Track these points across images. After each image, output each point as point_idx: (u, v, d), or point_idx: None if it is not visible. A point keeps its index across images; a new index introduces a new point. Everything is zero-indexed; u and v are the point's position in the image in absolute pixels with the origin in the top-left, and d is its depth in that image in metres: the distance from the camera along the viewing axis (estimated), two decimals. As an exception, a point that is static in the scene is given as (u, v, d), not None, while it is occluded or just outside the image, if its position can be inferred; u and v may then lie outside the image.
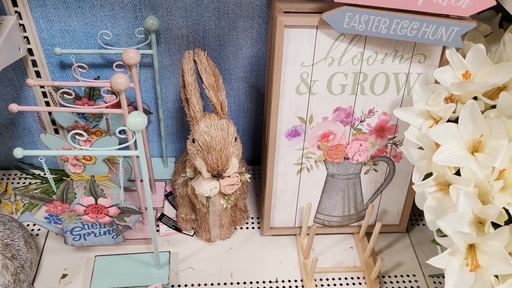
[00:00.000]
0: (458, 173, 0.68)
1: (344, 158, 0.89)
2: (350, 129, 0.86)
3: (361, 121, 0.86)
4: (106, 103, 0.90)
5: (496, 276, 0.59)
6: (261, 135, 1.10)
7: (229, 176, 0.82)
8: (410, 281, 0.92)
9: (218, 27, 0.89)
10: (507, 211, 0.61)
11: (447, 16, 0.71)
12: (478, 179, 0.65)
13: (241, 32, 0.91)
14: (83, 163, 0.88)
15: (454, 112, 0.72)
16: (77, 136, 0.71)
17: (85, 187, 0.78)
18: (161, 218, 1.00)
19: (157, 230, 0.98)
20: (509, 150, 0.65)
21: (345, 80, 0.81)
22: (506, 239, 0.58)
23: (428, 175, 0.72)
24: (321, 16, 0.73)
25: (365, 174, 0.93)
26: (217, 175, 0.80)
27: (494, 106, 0.71)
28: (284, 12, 0.76)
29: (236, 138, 0.82)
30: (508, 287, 0.57)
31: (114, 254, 0.91)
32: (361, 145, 0.88)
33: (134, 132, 0.65)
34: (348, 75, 0.80)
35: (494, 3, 0.66)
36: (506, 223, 0.61)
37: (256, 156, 1.16)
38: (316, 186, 0.93)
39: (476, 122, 0.67)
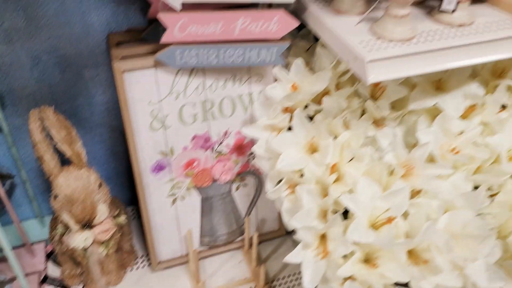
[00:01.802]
0: (305, 174, 0.76)
1: (213, 180, 0.95)
2: (211, 152, 0.92)
3: (220, 144, 0.92)
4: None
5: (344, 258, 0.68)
6: (137, 174, 1.12)
7: (101, 223, 0.83)
8: (297, 279, 1.00)
9: (64, 80, 0.90)
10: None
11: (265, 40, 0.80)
12: (317, 176, 0.74)
13: (89, 81, 0.93)
14: None
15: (291, 121, 0.80)
16: None
17: None
18: (45, 280, 0.97)
19: (43, 294, 0.95)
20: (337, 146, 0.75)
21: (194, 110, 0.86)
22: (342, 223, 0.67)
23: (281, 181, 0.79)
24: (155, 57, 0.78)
25: (236, 190, 0.99)
26: (87, 225, 0.80)
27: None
28: (122, 58, 0.80)
29: (101, 184, 0.83)
30: (353, 264, 0.66)
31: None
32: (224, 165, 0.94)
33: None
34: (196, 105, 0.86)
35: (297, 24, 0.76)
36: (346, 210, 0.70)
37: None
38: (194, 211, 0.98)
39: (306, 127, 0.76)
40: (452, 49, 0.66)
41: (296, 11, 0.81)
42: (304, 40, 0.90)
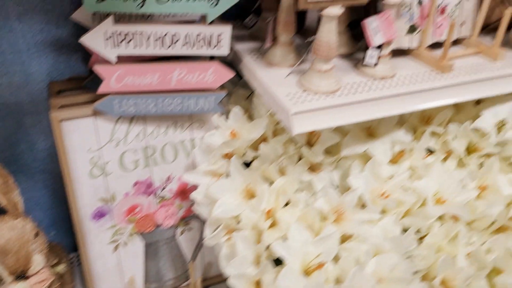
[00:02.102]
0: (238, 221, 0.77)
1: (156, 225, 0.95)
2: (154, 198, 0.93)
3: (163, 189, 0.93)
4: None
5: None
6: (83, 219, 1.10)
7: (36, 273, 0.81)
8: (243, 323, 0.99)
9: (4, 127, 0.90)
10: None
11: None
12: (253, 222, 0.76)
13: (31, 128, 0.92)
14: None
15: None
16: None
17: None
18: (-21, 334, 0.93)
19: None
20: (272, 192, 0.77)
21: (136, 156, 0.87)
22: (273, 270, 0.68)
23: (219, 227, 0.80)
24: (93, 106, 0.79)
25: (181, 235, 0.99)
26: (21, 276, 0.78)
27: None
28: (60, 107, 0.81)
29: (37, 234, 0.82)
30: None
31: None
32: (168, 210, 0.94)
33: None
34: (137, 151, 0.87)
35: (233, 75, 0.79)
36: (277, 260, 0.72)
37: (84, 240, 1.15)
38: (138, 257, 0.97)
39: (242, 174, 0.78)
40: (373, 101, 0.70)
41: (233, 61, 0.85)
42: (244, 88, 0.94)
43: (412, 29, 0.79)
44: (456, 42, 0.88)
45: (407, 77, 0.76)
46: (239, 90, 0.92)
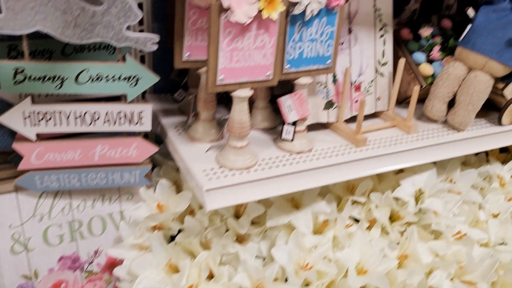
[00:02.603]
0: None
1: (83, 301, 0.92)
2: (81, 273, 0.90)
3: (90, 263, 0.90)
4: None
5: None
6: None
7: None
8: None
9: None
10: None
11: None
12: (175, 298, 0.74)
13: (-47, 202, 0.90)
14: None
15: (155, 240, 0.82)
16: None
17: None
18: None
19: None
20: (194, 267, 0.77)
21: (61, 231, 0.86)
22: None
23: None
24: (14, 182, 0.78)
25: (111, 310, 0.96)
26: None
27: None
28: (-19, 182, 0.80)
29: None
30: None
31: None
32: (95, 285, 0.92)
33: None
34: (62, 225, 0.85)
35: (156, 150, 0.81)
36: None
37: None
38: (63, 337, 0.92)
39: (165, 248, 0.78)
40: (288, 176, 0.73)
41: (161, 135, 0.87)
42: (173, 160, 0.95)
43: (329, 104, 0.84)
44: (375, 115, 0.93)
45: (323, 151, 0.79)
46: (169, 162, 0.93)
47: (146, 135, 0.99)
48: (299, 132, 0.77)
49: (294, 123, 0.77)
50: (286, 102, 0.75)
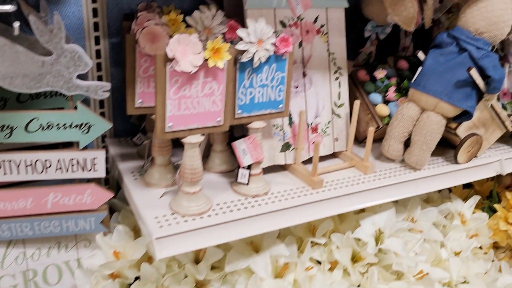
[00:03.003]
0: None
1: None
2: (36, 324, 0.87)
3: (45, 314, 0.87)
4: None
5: None
6: None
7: None
8: None
9: None
10: None
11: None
12: None
13: None
14: None
15: None
16: None
17: None
18: None
19: None
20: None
21: (14, 281, 0.83)
22: None
23: None
24: (-37, 232, 0.76)
25: None
26: None
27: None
28: None
29: None
30: None
31: None
32: (51, 337, 0.88)
33: None
34: (16, 276, 0.83)
35: (111, 196, 0.80)
36: None
37: None
38: None
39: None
40: (241, 220, 0.72)
41: (118, 180, 0.86)
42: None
43: (286, 146, 0.85)
44: (335, 155, 0.94)
45: (279, 193, 0.79)
46: (127, 207, 0.92)
47: (107, 180, 0.98)
48: (255, 176, 0.78)
49: (249, 167, 0.77)
50: (240, 146, 0.76)
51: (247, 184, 0.77)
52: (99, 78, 0.89)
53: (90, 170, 0.76)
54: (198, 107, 0.66)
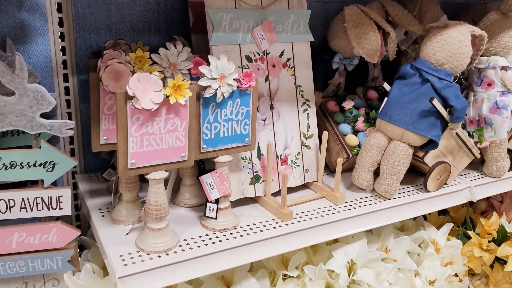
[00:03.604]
0: None
1: None
2: None
3: None
4: None
5: None
6: None
7: None
8: None
9: None
10: None
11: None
12: None
13: None
14: None
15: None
16: None
17: None
18: None
19: None
20: None
21: (-22, 324, 0.81)
22: None
23: None
24: None
25: None
26: None
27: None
28: None
29: None
30: None
31: None
32: None
33: None
34: (-20, 319, 0.81)
35: (78, 233, 0.79)
36: None
37: None
38: None
39: None
40: (209, 256, 0.71)
41: (87, 216, 0.85)
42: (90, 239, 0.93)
43: (255, 179, 0.85)
44: (307, 186, 0.94)
45: (248, 227, 0.79)
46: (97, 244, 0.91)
47: (78, 217, 0.97)
48: (223, 209, 0.77)
49: (217, 201, 0.77)
50: (207, 180, 0.76)
51: (215, 218, 0.77)
52: (69, 115, 0.89)
53: (55, 208, 0.75)
54: (161, 143, 0.67)
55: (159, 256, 0.69)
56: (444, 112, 0.86)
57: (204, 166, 0.97)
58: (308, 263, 0.90)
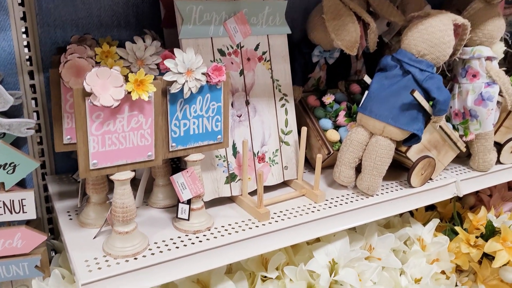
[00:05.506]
0: None
1: None
2: None
3: None
4: None
5: None
6: None
7: None
8: None
9: None
10: None
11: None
12: None
13: None
14: None
15: None
16: None
17: None
18: None
19: None
20: None
21: None
22: None
23: None
24: None
25: None
26: None
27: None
28: None
29: None
30: None
31: None
32: None
33: None
34: None
35: (45, 238, 0.75)
36: None
37: None
38: None
39: None
40: (180, 259, 0.68)
41: (55, 220, 0.81)
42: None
43: (231, 177, 0.82)
44: (286, 184, 0.91)
45: (223, 228, 0.75)
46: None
47: (50, 220, 0.93)
48: (196, 210, 0.74)
49: (189, 201, 0.73)
50: (178, 180, 0.72)
51: (188, 219, 0.74)
52: (36, 114, 0.85)
53: (19, 212, 0.71)
54: (125, 142, 0.63)
55: (126, 261, 0.66)
56: (426, 105, 0.83)
57: (180, 165, 0.93)
58: (289, 263, 0.87)
